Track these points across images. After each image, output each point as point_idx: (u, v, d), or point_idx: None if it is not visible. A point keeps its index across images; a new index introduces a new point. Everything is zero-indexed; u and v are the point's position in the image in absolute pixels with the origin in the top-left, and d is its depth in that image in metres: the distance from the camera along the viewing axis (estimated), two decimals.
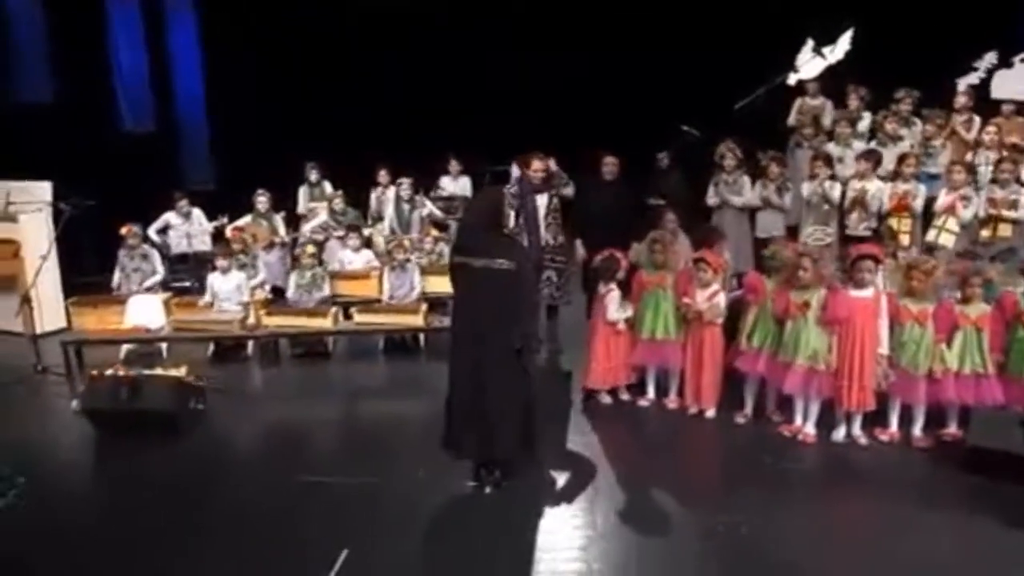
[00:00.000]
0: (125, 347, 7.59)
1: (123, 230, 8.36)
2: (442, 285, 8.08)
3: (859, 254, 5.31)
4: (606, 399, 6.24)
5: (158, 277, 8.32)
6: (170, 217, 9.44)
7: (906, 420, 5.47)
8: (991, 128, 7.41)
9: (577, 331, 6.86)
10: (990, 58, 7.74)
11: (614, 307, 6.00)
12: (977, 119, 7.72)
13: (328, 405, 6.49)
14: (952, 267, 5.42)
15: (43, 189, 8.54)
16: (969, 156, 7.36)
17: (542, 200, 6.79)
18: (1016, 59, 7.88)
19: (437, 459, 4.91)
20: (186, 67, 12.43)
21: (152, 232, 9.21)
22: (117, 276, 8.37)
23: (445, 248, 8.62)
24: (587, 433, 5.76)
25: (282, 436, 5.98)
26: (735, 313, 5.88)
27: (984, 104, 7.77)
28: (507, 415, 4.69)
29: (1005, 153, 7.14)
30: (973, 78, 7.83)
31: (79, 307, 7.93)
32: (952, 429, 5.40)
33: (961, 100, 7.81)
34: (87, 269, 9.39)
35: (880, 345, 5.27)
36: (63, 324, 8.35)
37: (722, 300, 5.79)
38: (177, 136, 12.17)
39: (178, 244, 9.23)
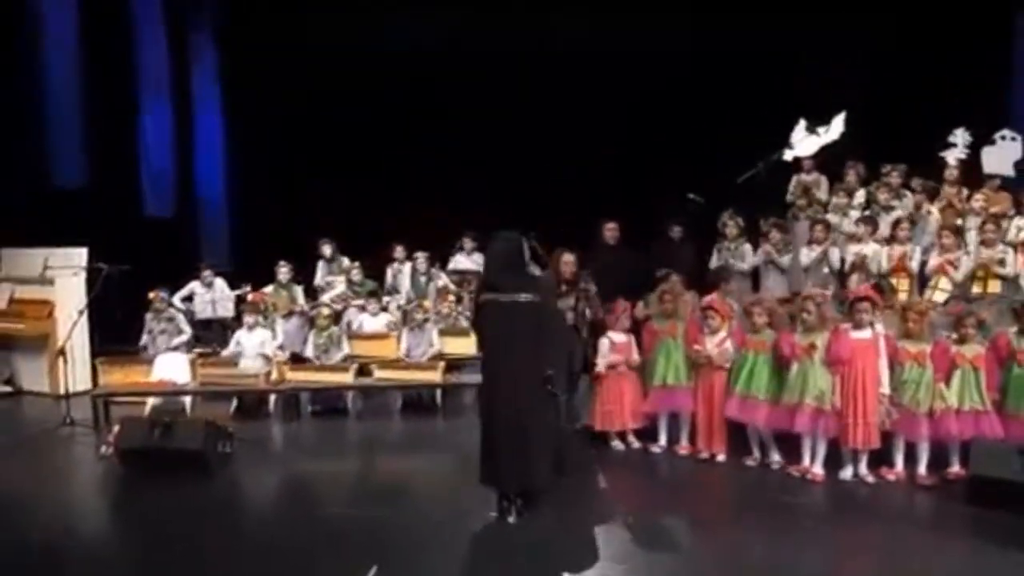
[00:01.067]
0: (150, 403, 7.81)
1: (151, 294, 8.72)
2: (459, 347, 8.41)
3: (857, 296, 5.65)
4: (618, 445, 6.44)
5: (185, 336, 8.61)
6: (195, 286, 9.81)
7: (911, 459, 5.67)
8: (979, 197, 7.86)
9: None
10: (963, 135, 8.25)
11: (603, 352, 6.29)
12: (965, 190, 8.19)
13: (347, 458, 6.68)
14: (948, 309, 5.73)
15: (79, 255, 8.95)
16: (959, 222, 7.77)
17: (566, 303, 6.49)
18: (996, 136, 8.40)
19: (457, 501, 5.04)
20: (208, 158, 13.13)
21: (177, 300, 9.55)
22: (145, 338, 8.66)
23: (462, 314, 8.95)
24: (602, 474, 5.94)
25: (301, 483, 6.15)
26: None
27: (969, 175, 8.25)
28: (544, 446, 4.93)
29: (991, 227, 7.52)
30: (958, 152, 8.32)
31: (107, 366, 8.21)
32: (955, 468, 5.59)
33: (953, 174, 8.30)
34: (115, 335, 9.69)
35: (881, 385, 5.53)
36: (89, 385, 8.60)
37: (730, 346, 6.07)
38: (196, 221, 12.71)
39: (203, 310, 9.57)
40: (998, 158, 8.26)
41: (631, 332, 6.54)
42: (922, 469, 5.62)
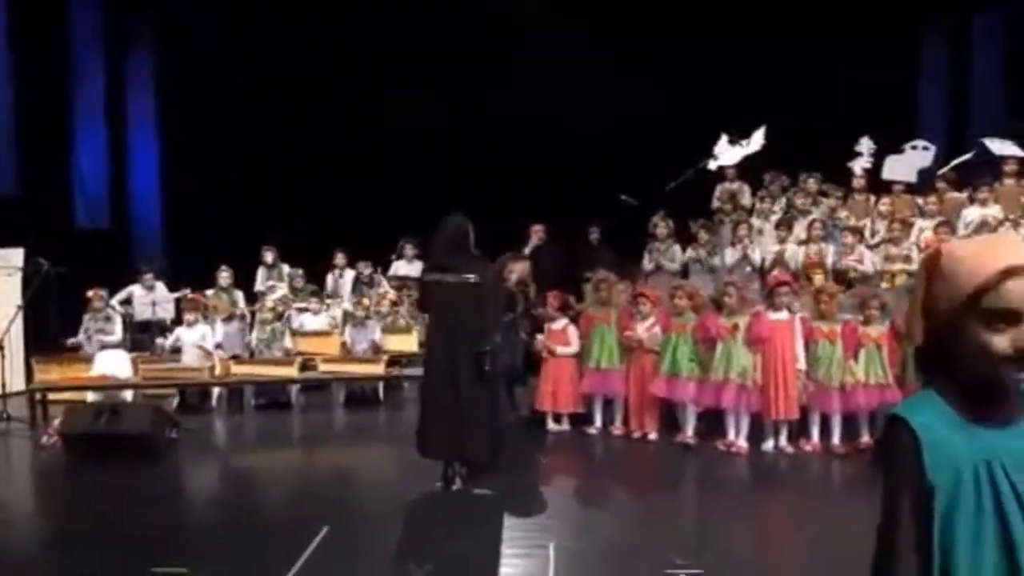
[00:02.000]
0: (90, 399, 7.80)
1: (89, 293, 8.72)
2: (399, 344, 8.64)
3: (776, 282, 6.12)
4: (555, 426, 6.76)
5: (115, 338, 8.60)
6: (133, 289, 9.80)
7: (825, 432, 6.13)
8: (886, 200, 8.52)
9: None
10: (868, 143, 8.95)
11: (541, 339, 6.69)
12: (872, 196, 8.86)
13: (293, 445, 6.83)
14: (854, 292, 6.25)
15: (16, 255, 8.88)
16: (868, 223, 8.40)
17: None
18: (907, 146, 9.11)
19: (402, 477, 5.27)
20: (144, 169, 13.13)
21: (114, 302, 9.54)
22: (80, 337, 8.64)
23: (402, 316, 9.18)
24: (541, 453, 6.25)
25: (248, 467, 6.28)
26: None
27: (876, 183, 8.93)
28: (479, 418, 5.19)
29: (897, 226, 8.17)
30: (864, 162, 9.00)
31: (43, 364, 8.16)
32: (865, 438, 6.07)
33: (860, 182, 8.97)
34: (51, 336, 9.59)
35: (798, 361, 5.99)
36: (23, 387, 8.50)
37: (659, 330, 6.47)
38: (130, 231, 12.66)
39: (142, 312, 9.56)
40: (904, 166, 8.95)
41: (570, 321, 6.89)
42: (836, 440, 6.08)
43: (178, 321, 9.11)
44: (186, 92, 12.48)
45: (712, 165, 9.63)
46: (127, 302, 9.73)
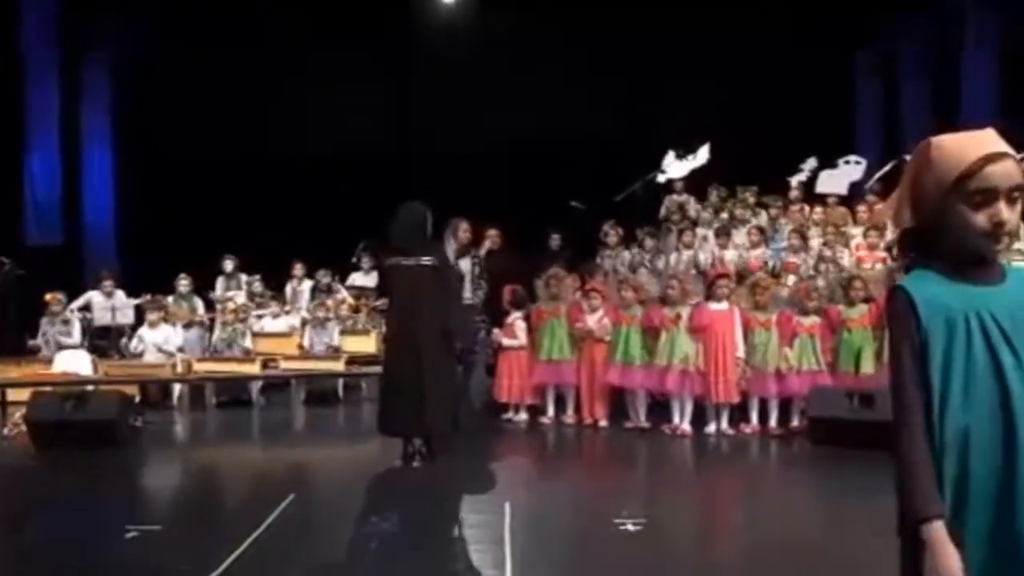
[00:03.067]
0: None
1: (48, 296, 8.81)
2: (358, 345, 8.88)
3: (716, 274, 6.57)
4: (511, 416, 7.07)
5: (74, 341, 8.67)
6: (92, 295, 9.87)
7: (763, 416, 6.55)
8: (819, 210, 9.12)
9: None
10: (811, 162, 9.55)
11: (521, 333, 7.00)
12: (807, 207, 9.45)
13: (256, 437, 7.04)
14: (792, 287, 6.72)
15: None
16: (801, 231, 8.95)
17: (466, 264, 7.62)
18: (840, 161, 9.72)
19: (362, 458, 5.51)
20: (98, 186, 13.17)
21: (73, 307, 9.61)
22: (39, 339, 8.71)
23: (359, 319, 9.43)
24: (496, 439, 6.55)
25: (211, 456, 6.45)
26: None
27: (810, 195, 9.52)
28: (439, 395, 5.47)
29: (831, 230, 8.74)
30: (802, 176, 9.59)
31: (1, 364, 8.20)
32: (796, 422, 6.49)
33: (795, 194, 9.56)
34: (7, 339, 9.59)
35: (737, 349, 6.42)
36: None
37: (607, 321, 6.85)
38: (83, 246, 12.64)
39: (102, 317, 9.62)
40: (836, 179, 9.55)
41: (524, 317, 7.24)
42: (773, 422, 6.50)
43: (137, 327, 9.23)
44: (141, 103, 12.55)
45: (661, 178, 10.15)
46: (86, 308, 9.80)
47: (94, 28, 12.72)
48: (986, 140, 1.57)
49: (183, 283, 10.02)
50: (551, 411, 7.10)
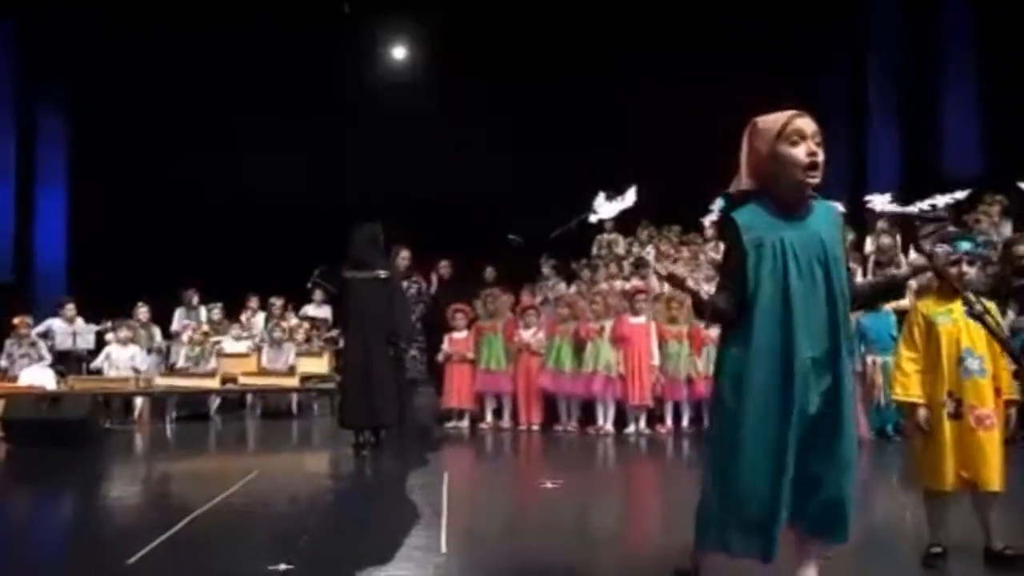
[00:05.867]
0: None
1: (16, 320, 9.27)
2: (312, 366, 9.51)
3: (634, 290, 7.46)
4: (453, 424, 7.78)
5: (45, 361, 9.13)
6: (53, 322, 10.31)
7: (677, 417, 7.39)
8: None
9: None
10: (719, 202, 10.58)
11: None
12: (722, 244, 10.47)
13: (215, 443, 7.61)
14: None
15: None
16: (717, 263, 9.95)
17: (408, 285, 8.32)
18: None
19: (317, 453, 6.17)
20: (51, 224, 13.55)
21: (33, 333, 10.03)
22: (3, 361, 9.13)
23: (314, 342, 10.08)
24: (438, 437, 7.26)
25: (172, 462, 7.02)
26: None
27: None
28: (388, 391, 6.19)
29: None
30: (713, 216, 10.63)
31: None
32: (706, 423, 7.33)
33: (709, 232, 10.60)
34: None
35: (653, 358, 7.27)
36: None
37: (542, 335, 7.66)
38: (34, 284, 12.90)
39: (63, 341, 10.05)
40: None
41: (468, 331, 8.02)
42: (685, 423, 7.33)
43: (96, 352, 9.69)
44: (95, 145, 12.92)
45: (593, 218, 11.11)
46: (45, 335, 10.22)
47: (50, 73, 13.09)
48: (788, 110, 2.44)
49: (142, 311, 10.52)
50: (489, 417, 7.83)
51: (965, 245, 3.18)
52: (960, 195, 9.42)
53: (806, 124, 2.38)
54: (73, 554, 3.91)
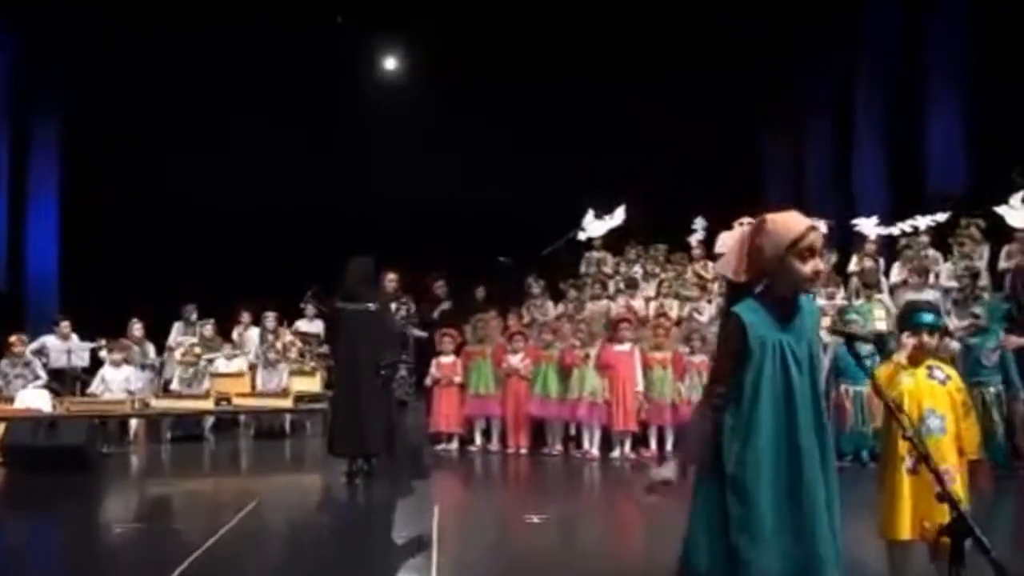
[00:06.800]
0: None
1: (12, 339, 9.39)
2: (305, 385, 9.66)
3: (618, 319, 7.65)
4: (443, 446, 7.95)
5: (41, 381, 9.26)
6: (48, 339, 10.42)
7: (661, 442, 7.58)
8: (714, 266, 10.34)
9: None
10: (702, 223, 10.82)
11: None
12: (710, 263, 10.66)
13: (210, 464, 7.77)
14: (682, 328, 7.84)
15: None
16: (702, 284, 10.12)
17: (397, 307, 8.62)
18: (735, 224, 10.97)
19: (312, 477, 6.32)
20: (43, 234, 13.63)
21: (28, 351, 10.15)
22: None
23: (306, 363, 10.23)
24: (429, 463, 7.44)
25: (168, 484, 7.17)
26: None
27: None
28: (376, 420, 6.36)
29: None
30: (699, 235, 10.84)
31: None
32: None
33: (697, 251, 10.80)
34: None
35: (637, 384, 7.47)
36: None
37: (529, 361, 7.84)
38: (26, 294, 12.96)
39: (57, 359, 10.16)
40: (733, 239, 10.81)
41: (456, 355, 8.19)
42: (669, 447, 7.53)
43: (91, 370, 9.83)
44: (88, 156, 12.96)
45: (581, 236, 11.31)
46: (40, 352, 10.35)
47: (43, 84, 13.17)
48: (801, 217, 2.48)
49: (136, 328, 10.65)
50: (478, 440, 8.01)
51: (927, 318, 3.37)
52: (940, 217, 9.70)
53: (818, 239, 2.41)
54: None
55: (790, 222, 2.42)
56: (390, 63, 14.66)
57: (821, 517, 2.33)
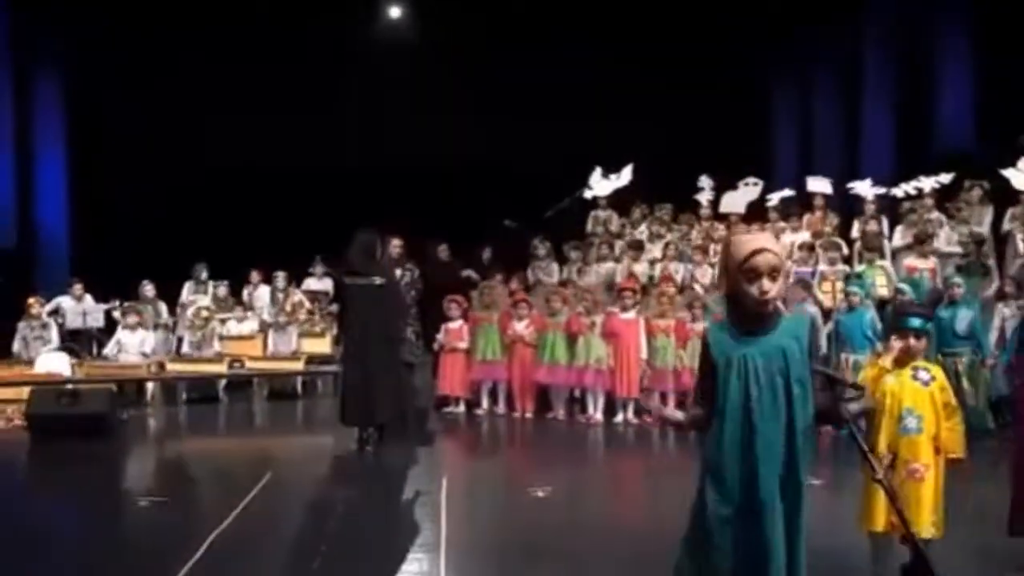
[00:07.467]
0: None
1: (29, 300, 9.60)
2: (315, 346, 9.88)
3: (622, 287, 7.80)
4: (451, 408, 8.19)
5: (54, 344, 9.48)
6: (63, 300, 10.63)
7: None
8: (720, 227, 10.39)
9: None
10: (708, 181, 10.83)
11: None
12: (716, 223, 10.70)
13: (225, 428, 8.03)
14: (684, 295, 7.99)
15: None
16: (712, 246, 10.18)
17: (402, 273, 8.74)
18: (740, 183, 11.01)
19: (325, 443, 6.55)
20: (51, 189, 13.70)
21: (44, 313, 10.37)
22: (17, 345, 9.48)
23: (316, 324, 10.42)
24: (438, 428, 7.69)
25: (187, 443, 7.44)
26: None
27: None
28: (385, 392, 6.56)
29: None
30: (707, 195, 10.86)
31: None
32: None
33: (706, 212, 10.82)
34: None
35: (641, 351, 7.64)
36: None
37: (533, 328, 8.01)
38: (36, 250, 13.13)
39: (73, 320, 10.38)
40: (737, 199, 10.82)
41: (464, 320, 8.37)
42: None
43: (106, 330, 10.05)
44: (94, 108, 13.08)
45: (587, 195, 11.34)
46: (55, 312, 10.57)
47: (46, 33, 13.02)
48: (757, 240, 2.64)
49: (148, 288, 10.82)
50: (485, 404, 8.24)
51: (915, 323, 3.50)
52: (945, 178, 9.70)
53: (763, 262, 2.52)
54: None
55: (742, 244, 2.58)
56: (394, 12, 14.53)
57: (773, 535, 2.46)
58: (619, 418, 7.76)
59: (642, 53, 12.58)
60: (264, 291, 11.50)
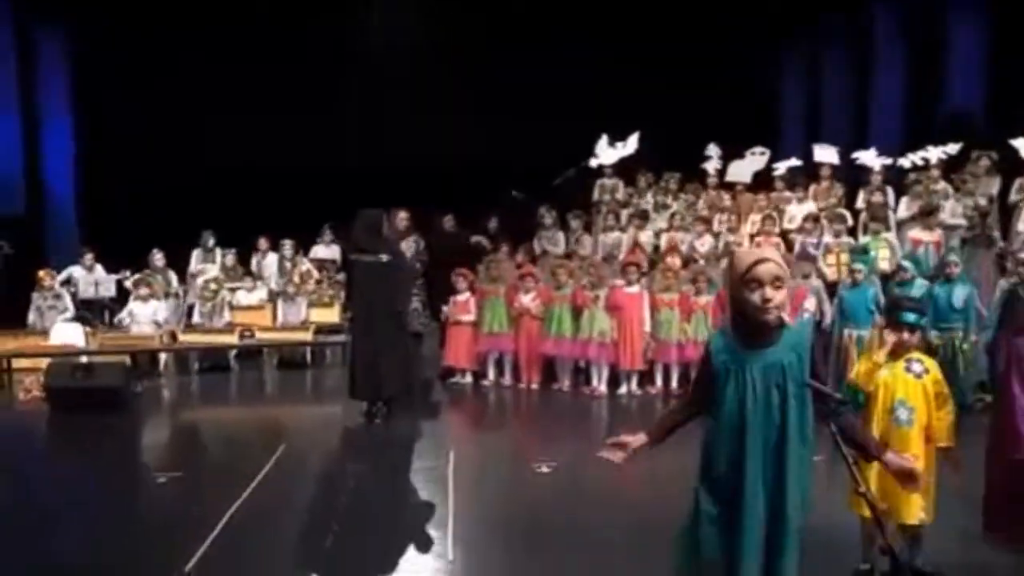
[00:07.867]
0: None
1: (41, 272, 9.74)
2: (323, 316, 10.02)
3: (627, 262, 7.87)
4: (458, 379, 8.33)
5: (69, 314, 9.65)
6: (74, 270, 10.76)
7: (666, 379, 7.91)
8: (726, 196, 10.41)
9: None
10: (716, 150, 10.80)
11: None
12: (723, 192, 10.71)
13: (237, 398, 8.21)
14: (688, 269, 8.07)
15: None
16: (717, 215, 10.20)
17: (406, 246, 8.82)
18: (747, 152, 10.99)
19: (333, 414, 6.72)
20: (58, 156, 13.72)
21: (56, 283, 10.51)
22: (32, 315, 9.65)
23: (324, 292, 10.54)
24: (446, 399, 7.84)
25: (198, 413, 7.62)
26: None
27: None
28: (392, 366, 6.69)
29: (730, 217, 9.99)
30: (715, 163, 10.85)
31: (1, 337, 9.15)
32: None
33: (714, 180, 10.82)
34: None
35: (645, 324, 7.74)
36: None
37: (539, 301, 8.11)
38: (45, 217, 13.23)
39: (85, 290, 10.54)
40: (743, 168, 10.82)
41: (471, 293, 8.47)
42: (675, 384, 7.86)
43: (118, 300, 10.20)
44: (99, 74, 13.04)
45: (593, 163, 11.33)
46: (67, 282, 10.71)
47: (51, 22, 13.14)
48: (759, 252, 2.72)
49: (157, 257, 10.92)
50: (491, 375, 8.38)
51: (910, 317, 3.57)
52: (952, 148, 9.67)
53: (765, 271, 2.58)
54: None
55: (743, 256, 2.69)
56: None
57: (752, 547, 2.57)
58: (623, 389, 7.89)
59: (642, 53, 12.46)
60: (272, 259, 11.61)
